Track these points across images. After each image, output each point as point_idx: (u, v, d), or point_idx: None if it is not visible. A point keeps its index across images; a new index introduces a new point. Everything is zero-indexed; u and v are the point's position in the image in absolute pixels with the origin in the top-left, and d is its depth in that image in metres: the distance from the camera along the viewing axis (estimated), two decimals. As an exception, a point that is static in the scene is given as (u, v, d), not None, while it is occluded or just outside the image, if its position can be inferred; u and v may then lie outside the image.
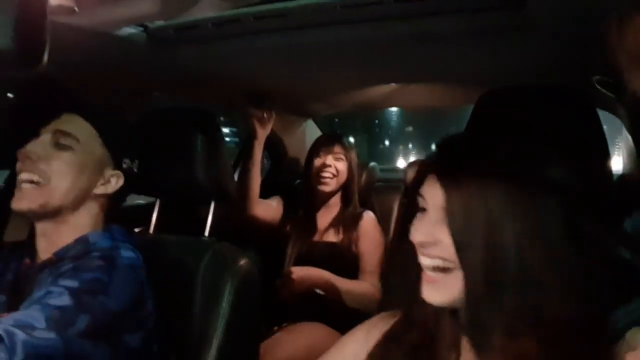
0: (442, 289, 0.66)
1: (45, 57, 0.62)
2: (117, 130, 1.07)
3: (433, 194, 0.68)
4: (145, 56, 1.24)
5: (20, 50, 0.59)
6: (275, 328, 1.75)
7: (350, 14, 1.05)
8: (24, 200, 0.95)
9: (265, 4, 1.06)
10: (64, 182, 0.96)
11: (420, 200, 0.70)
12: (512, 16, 0.98)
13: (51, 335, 0.79)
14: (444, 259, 0.66)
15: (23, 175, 0.95)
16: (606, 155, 0.97)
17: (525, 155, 0.68)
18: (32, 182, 0.95)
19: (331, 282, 1.74)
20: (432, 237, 0.66)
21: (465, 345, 0.72)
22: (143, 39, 1.18)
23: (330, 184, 1.90)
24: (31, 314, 0.80)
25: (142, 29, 1.16)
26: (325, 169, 1.89)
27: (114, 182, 1.03)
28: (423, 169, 0.72)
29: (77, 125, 1.00)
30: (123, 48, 1.18)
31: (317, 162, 1.92)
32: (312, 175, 1.92)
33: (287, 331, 1.71)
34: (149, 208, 1.38)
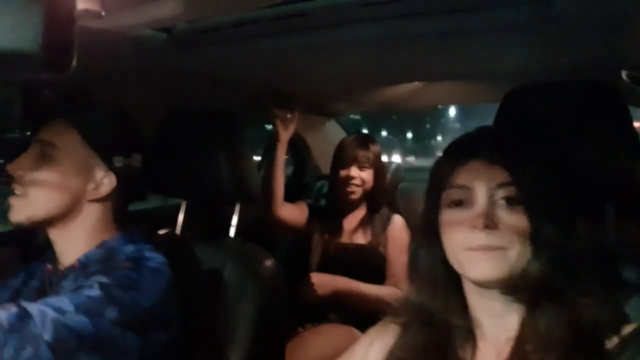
0: (496, 263, 0.67)
1: (74, 62, 0.63)
2: (100, 126, 1.03)
3: (482, 179, 0.69)
4: (168, 58, 1.26)
5: (49, 55, 0.60)
6: (300, 329, 1.75)
7: (371, 12, 1.05)
8: (13, 214, 0.96)
9: (286, 4, 1.06)
10: (43, 194, 0.96)
11: (454, 193, 0.71)
12: (539, 11, 0.96)
13: (81, 317, 0.80)
14: (501, 240, 0.67)
15: (15, 191, 0.97)
16: (637, 152, 0.94)
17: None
18: (20, 196, 0.96)
19: (353, 288, 1.74)
20: (492, 222, 0.67)
21: (482, 339, 0.73)
22: (166, 41, 1.19)
23: (356, 193, 1.89)
24: (61, 299, 0.82)
25: (164, 31, 1.18)
26: (350, 181, 1.87)
27: (107, 182, 1.00)
28: (457, 159, 0.73)
29: (57, 132, 0.98)
30: (146, 50, 1.19)
31: (342, 173, 1.89)
32: (337, 185, 1.91)
33: (312, 332, 1.71)
34: (175, 210, 1.39)
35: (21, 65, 0.62)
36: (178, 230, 1.37)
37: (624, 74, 1.28)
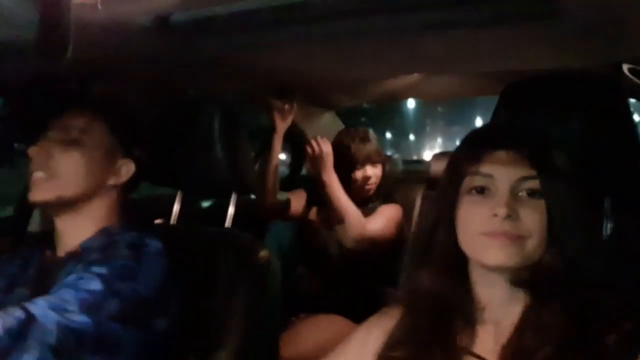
0: (512, 251, 0.68)
1: (69, 50, 0.63)
2: (126, 118, 1.07)
3: (507, 169, 0.70)
4: (165, 48, 1.25)
5: (44, 44, 0.60)
6: (294, 319, 1.76)
7: (372, 3, 1.04)
8: (39, 192, 0.97)
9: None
10: (75, 175, 0.98)
11: (477, 180, 0.72)
12: (540, 3, 0.96)
13: (83, 317, 0.81)
14: (520, 229, 0.68)
15: (35, 174, 0.97)
16: (637, 145, 0.94)
17: None
18: (47, 175, 0.97)
19: (333, 184, 1.77)
20: (514, 211, 0.68)
21: (482, 325, 0.74)
22: (163, 30, 1.18)
23: (372, 190, 1.91)
24: (63, 296, 0.83)
25: (162, 20, 1.16)
26: (368, 181, 1.88)
27: (125, 171, 1.04)
28: (485, 146, 0.73)
29: (84, 119, 1.01)
30: (143, 40, 1.18)
31: (358, 174, 1.88)
32: (354, 185, 1.88)
33: (305, 323, 1.72)
34: (171, 199, 1.39)
35: (17, 54, 0.62)
36: (173, 220, 1.36)
37: (625, 68, 1.28)
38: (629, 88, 1.36)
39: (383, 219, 1.84)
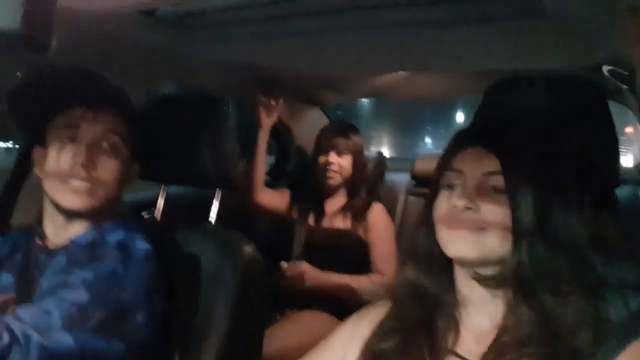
0: (472, 241, 0.69)
1: (53, 42, 0.62)
2: (134, 118, 1.05)
3: (475, 164, 0.72)
4: (154, 42, 1.24)
5: (28, 34, 0.59)
6: (278, 316, 1.76)
7: (358, 1, 1.04)
8: (78, 201, 0.94)
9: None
10: (112, 187, 0.98)
11: (450, 176, 0.74)
12: (525, 4, 0.97)
13: (65, 336, 0.80)
14: (482, 222, 0.69)
15: (74, 182, 0.94)
16: (616, 146, 0.96)
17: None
18: (87, 186, 0.94)
19: (326, 281, 1.76)
20: (474, 204, 0.70)
21: (465, 326, 0.75)
22: (151, 24, 1.18)
23: (334, 178, 1.90)
24: (47, 309, 0.82)
25: (150, 14, 1.16)
26: (328, 167, 1.89)
27: (134, 173, 1.05)
28: (459, 144, 0.76)
29: (118, 124, 0.99)
30: (131, 34, 1.17)
31: (321, 159, 1.90)
32: (317, 171, 1.92)
33: (290, 319, 1.72)
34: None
35: (0, 43, 0.61)
36: (158, 214, 1.36)
37: (604, 70, 1.30)
38: (609, 90, 1.38)
39: (391, 238, 1.87)
